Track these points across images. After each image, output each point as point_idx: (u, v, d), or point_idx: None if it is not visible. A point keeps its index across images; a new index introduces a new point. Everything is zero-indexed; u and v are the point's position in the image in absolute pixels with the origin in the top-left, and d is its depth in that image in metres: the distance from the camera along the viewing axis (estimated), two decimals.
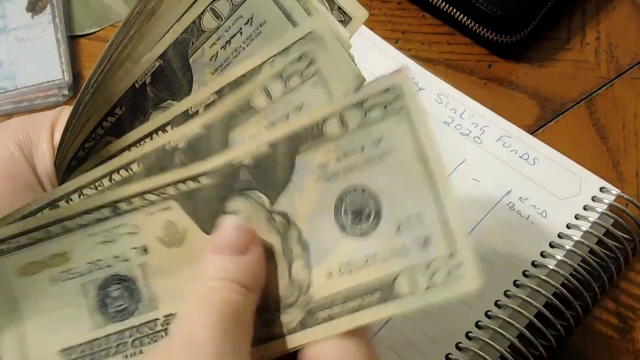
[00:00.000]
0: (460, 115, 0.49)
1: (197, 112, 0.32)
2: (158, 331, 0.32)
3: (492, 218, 0.44)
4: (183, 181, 0.31)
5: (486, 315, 0.41)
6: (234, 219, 0.31)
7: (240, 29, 0.32)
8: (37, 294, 0.32)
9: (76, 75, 0.53)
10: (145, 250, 0.32)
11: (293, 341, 0.30)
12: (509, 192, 0.45)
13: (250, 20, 0.32)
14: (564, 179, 0.46)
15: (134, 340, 0.32)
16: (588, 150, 0.50)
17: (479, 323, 0.41)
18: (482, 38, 0.54)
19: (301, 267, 0.30)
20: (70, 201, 0.32)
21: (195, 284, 0.30)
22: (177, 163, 0.31)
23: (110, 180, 0.32)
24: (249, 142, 0.31)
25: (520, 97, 0.52)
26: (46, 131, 0.36)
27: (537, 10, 0.53)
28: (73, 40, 0.55)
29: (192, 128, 0.31)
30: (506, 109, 0.50)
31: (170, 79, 0.33)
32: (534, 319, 0.40)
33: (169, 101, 0.33)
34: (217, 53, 0.33)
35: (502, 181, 0.46)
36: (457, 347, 0.40)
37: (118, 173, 0.32)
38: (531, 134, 0.49)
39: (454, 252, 0.27)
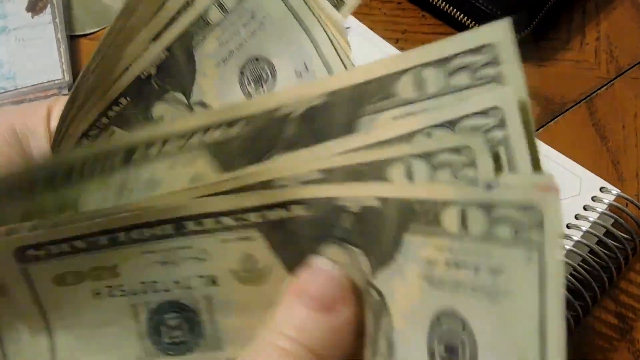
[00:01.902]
0: None
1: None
2: None
3: None
4: (271, 206, 0.25)
5: None
6: (327, 263, 0.26)
7: (245, 22, 0.32)
8: (75, 307, 0.27)
9: (76, 75, 0.53)
10: (213, 281, 0.26)
11: None
12: None
13: (254, 14, 0.31)
14: (564, 179, 0.46)
15: None
16: (588, 150, 0.50)
17: None
18: None
19: None
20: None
21: (263, 336, 0.25)
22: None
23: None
24: (357, 186, 0.24)
25: None
26: (42, 118, 0.35)
27: (537, 10, 0.53)
28: (73, 40, 0.55)
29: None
30: None
31: (175, 71, 0.33)
32: None
33: (172, 93, 0.33)
34: (221, 46, 0.32)
35: None
36: None
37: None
38: None
39: None
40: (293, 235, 0.25)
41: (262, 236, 0.26)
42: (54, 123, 0.35)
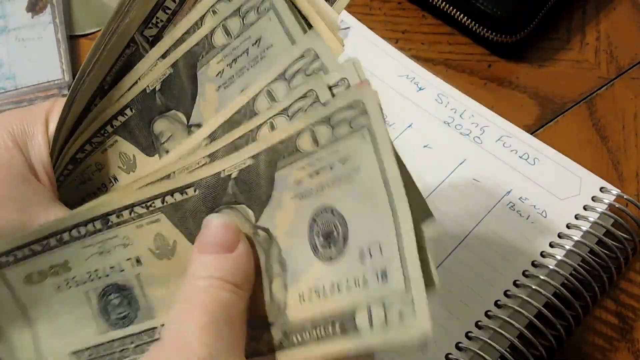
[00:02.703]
0: (460, 115, 0.49)
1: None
2: (157, 339, 0.32)
3: (492, 218, 0.44)
4: (170, 193, 0.31)
5: (486, 315, 0.41)
6: (218, 217, 0.31)
7: (247, 49, 0.32)
8: (45, 301, 0.32)
9: (76, 75, 0.53)
10: (138, 261, 0.32)
11: None
12: (509, 192, 0.45)
13: (258, 41, 0.32)
14: (564, 179, 0.46)
15: (135, 347, 0.32)
16: (588, 150, 0.50)
17: (479, 323, 0.41)
18: (482, 38, 0.54)
19: (280, 286, 0.30)
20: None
21: (184, 285, 0.30)
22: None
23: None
24: (235, 155, 0.30)
25: (520, 97, 0.52)
26: (40, 122, 0.36)
27: (537, 10, 0.53)
28: (73, 40, 0.55)
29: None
30: (506, 109, 0.50)
31: (178, 89, 0.34)
32: (534, 318, 0.40)
33: (173, 111, 0.34)
34: (222, 70, 0.33)
35: (502, 181, 0.46)
36: (457, 347, 0.40)
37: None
38: (531, 134, 0.49)
39: (407, 290, 0.26)
40: (190, 212, 0.31)
41: (166, 217, 0.31)
42: (52, 126, 0.36)
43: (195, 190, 0.31)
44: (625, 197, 0.45)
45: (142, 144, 0.36)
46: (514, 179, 0.46)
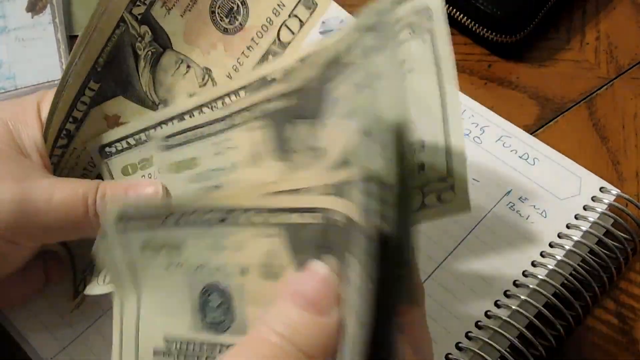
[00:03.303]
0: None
1: None
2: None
3: (492, 218, 0.44)
4: (295, 211, 0.28)
5: (486, 315, 0.41)
6: (323, 267, 0.27)
7: None
8: (154, 274, 0.31)
9: None
10: (245, 271, 0.30)
11: None
12: (509, 192, 0.45)
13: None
14: (563, 179, 0.46)
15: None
16: (588, 150, 0.50)
17: (479, 323, 0.41)
18: (482, 38, 0.54)
19: None
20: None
21: (255, 330, 0.27)
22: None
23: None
24: (359, 201, 0.26)
25: (520, 97, 0.52)
26: (32, 107, 0.37)
27: (537, 10, 0.53)
28: (73, 40, 0.55)
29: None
30: (506, 109, 0.50)
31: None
32: (534, 319, 0.40)
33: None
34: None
35: (502, 181, 0.46)
36: (457, 347, 0.40)
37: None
38: (531, 134, 0.49)
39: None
40: (307, 240, 0.28)
41: (283, 237, 0.28)
42: (44, 114, 0.36)
43: (318, 219, 0.27)
44: (625, 197, 0.45)
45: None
46: (513, 179, 0.46)
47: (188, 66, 0.36)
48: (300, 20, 0.35)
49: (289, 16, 0.35)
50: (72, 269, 0.40)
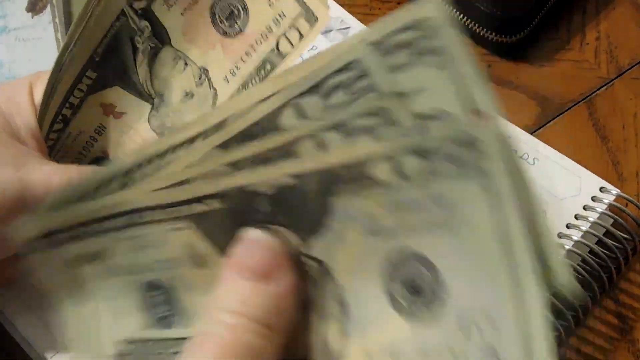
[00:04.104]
0: None
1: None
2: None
3: None
4: (189, 202, 0.27)
5: None
6: (256, 232, 0.26)
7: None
8: (96, 281, 0.31)
9: None
10: (175, 264, 0.29)
11: None
12: None
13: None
14: (563, 179, 0.46)
15: (174, 353, 0.29)
16: (588, 150, 0.50)
17: None
18: (482, 38, 0.54)
19: (336, 332, 0.25)
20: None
21: (209, 312, 0.26)
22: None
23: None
24: (266, 169, 0.25)
25: (520, 97, 0.52)
26: (25, 91, 0.37)
27: (537, 10, 0.53)
28: None
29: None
30: (506, 109, 0.49)
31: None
32: None
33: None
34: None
35: None
36: None
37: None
38: (531, 134, 0.49)
39: None
40: (218, 225, 0.27)
41: (194, 227, 0.27)
42: (38, 97, 0.37)
43: (218, 202, 0.26)
44: (625, 197, 0.45)
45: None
46: None
47: (185, 64, 0.37)
48: (300, 33, 0.35)
49: (289, 27, 0.35)
50: None
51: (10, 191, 0.34)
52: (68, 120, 0.37)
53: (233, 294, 0.26)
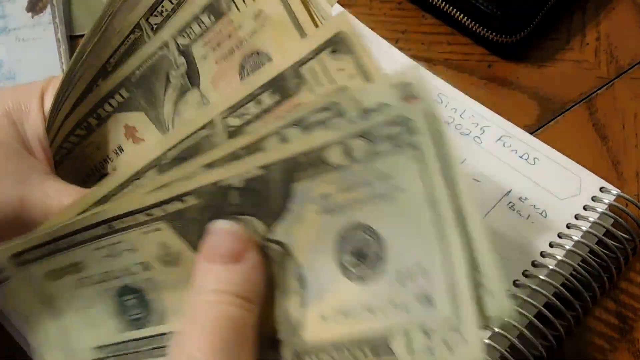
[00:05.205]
0: (461, 115, 0.49)
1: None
2: (167, 346, 0.31)
3: (492, 218, 0.44)
4: (168, 201, 0.29)
5: None
6: (224, 222, 0.29)
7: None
8: (68, 294, 0.33)
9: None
10: (147, 266, 0.31)
11: None
12: (509, 192, 0.45)
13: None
14: (564, 179, 0.46)
15: (149, 349, 0.32)
16: (588, 150, 0.50)
17: None
18: (482, 38, 0.54)
19: (296, 305, 0.28)
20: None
21: (190, 299, 0.28)
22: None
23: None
24: (237, 164, 0.28)
25: (520, 97, 0.52)
26: (36, 98, 0.37)
27: (537, 10, 0.53)
28: (73, 40, 0.55)
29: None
30: (506, 109, 0.50)
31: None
32: (534, 318, 0.40)
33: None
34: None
35: (502, 181, 0.46)
36: None
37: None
38: (531, 134, 0.49)
39: (455, 318, 0.25)
40: (192, 221, 0.29)
41: (168, 226, 0.30)
42: (48, 104, 0.36)
43: (194, 199, 0.29)
44: (625, 197, 0.45)
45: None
46: (513, 179, 0.46)
47: None
48: None
49: None
50: None
51: (8, 207, 0.33)
52: (92, 129, 0.37)
53: (208, 278, 0.28)
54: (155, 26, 0.36)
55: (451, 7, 0.54)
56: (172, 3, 0.35)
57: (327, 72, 0.30)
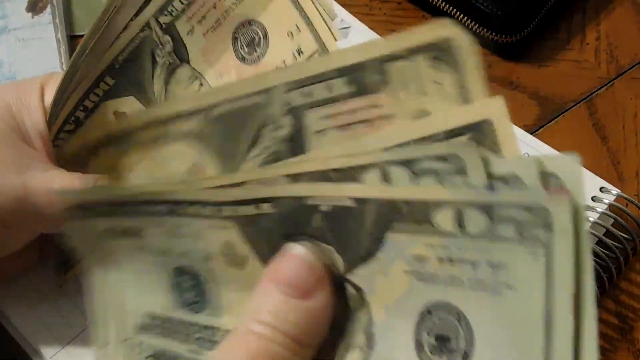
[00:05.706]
0: None
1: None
2: (216, 341, 0.30)
3: None
4: (241, 203, 0.27)
5: None
6: (302, 249, 0.26)
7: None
8: (122, 256, 0.32)
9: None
10: (209, 257, 0.29)
11: None
12: None
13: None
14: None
15: (197, 339, 0.30)
16: (588, 150, 0.50)
17: None
18: (482, 38, 0.54)
19: None
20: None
21: (241, 321, 0.26)
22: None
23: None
24: (327, 187, 0.25)
25: (520, 97, 0.52)
26: (36, 91, 0.37)
27: (537, 10, 0.53)
28: (73, 40, 0.55)
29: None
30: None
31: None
32: None
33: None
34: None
35: None
36: None
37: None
38: (531, 134, 0.49)
39: None
40: (264, 231, 0.27)
41: (237, 228, 0.27)
42: (48, 98, 0.37)
43: (271, 208, 0.26)
44: (625, 197, 0.45)
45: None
46: None
47: (201, 84, 0.37)
48: None
49: None
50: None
51: (12, 195, 0.34)
52: (81, 122, 0.37)
53: (267, 305, 0.26)
54: (164, 26, 0.36)
55: (451, 7, 0.54)
56: (182, 4, 0.35)
57: (419, 80, 0.26)
